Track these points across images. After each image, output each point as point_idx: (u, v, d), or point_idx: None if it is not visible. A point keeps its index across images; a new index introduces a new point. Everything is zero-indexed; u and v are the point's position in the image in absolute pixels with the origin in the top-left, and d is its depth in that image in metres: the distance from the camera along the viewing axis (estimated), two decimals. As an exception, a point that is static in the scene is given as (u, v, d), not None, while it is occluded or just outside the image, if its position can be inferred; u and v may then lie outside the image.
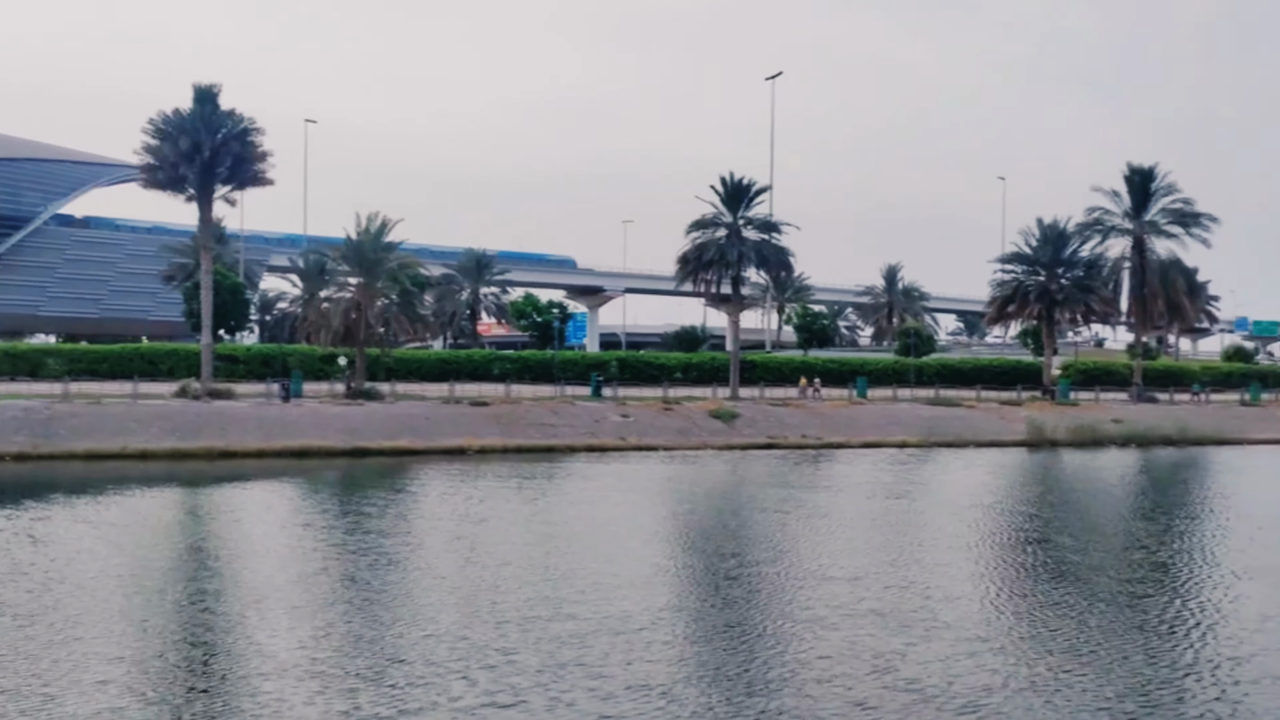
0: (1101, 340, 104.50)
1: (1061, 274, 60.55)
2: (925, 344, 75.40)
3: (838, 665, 11.78)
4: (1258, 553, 20.05)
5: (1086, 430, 48.35)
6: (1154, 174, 61.27)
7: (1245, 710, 10.50)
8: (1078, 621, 14.14)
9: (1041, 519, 24.72)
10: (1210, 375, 71.99)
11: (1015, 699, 10.71)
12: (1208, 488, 33.37)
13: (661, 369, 58.20)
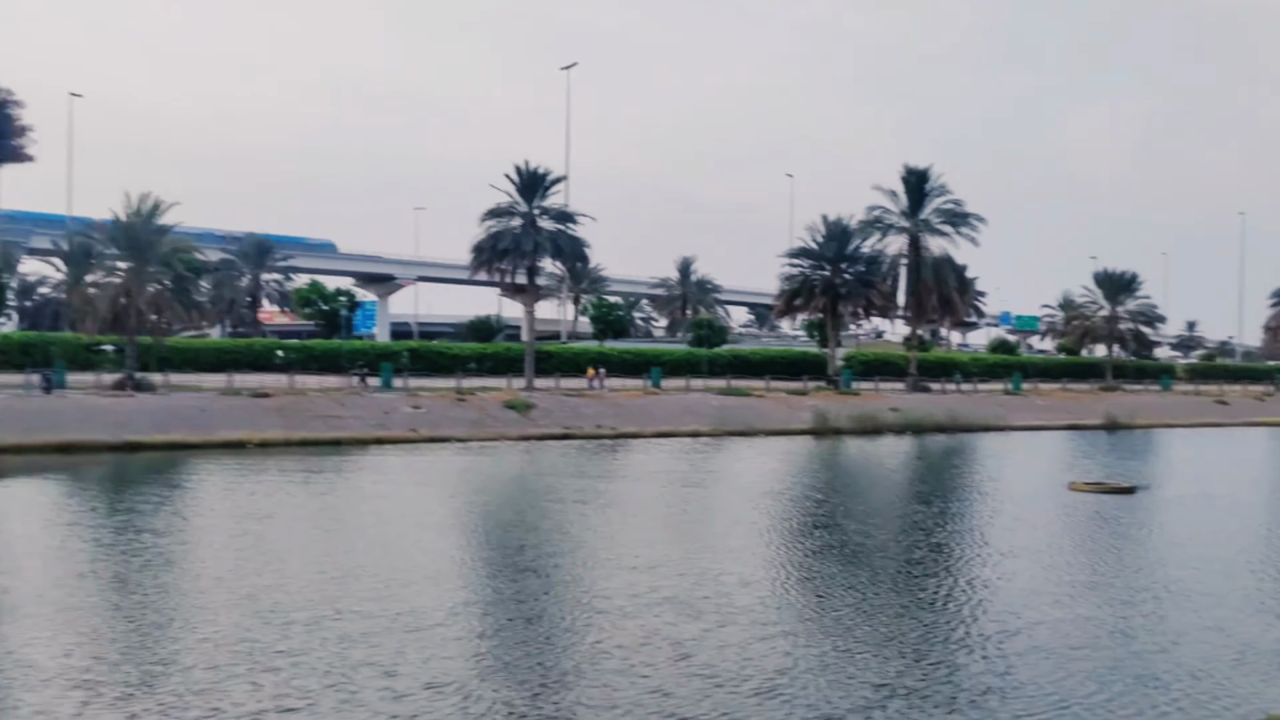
0: (881, 333, 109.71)
1: (845, 269, 63.06)
2: (718, 335, 77.05)
3: (636, 654, 11.71)
4: (1024, 532, 21.29)
5: (867, 419, 50.52)
6: (928, 175, 64.66)
7: (1015, 680, 11.04)
8: (864, 602, 14.61)
9: (828, 504, 25.55)
10: (978, 366, 76.58)
11: (806, 680, 10.93)
12: (977, 472, 35.37)
13: (455, 359, 57.20)
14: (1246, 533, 21.99)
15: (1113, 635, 12.99)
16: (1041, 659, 11.86)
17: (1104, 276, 78.83)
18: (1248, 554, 19.29)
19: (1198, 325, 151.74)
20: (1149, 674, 11.37)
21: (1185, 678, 11.26)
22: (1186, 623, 13.71)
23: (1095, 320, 79.19)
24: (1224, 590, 15.89)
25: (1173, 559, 18.51)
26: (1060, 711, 10.13)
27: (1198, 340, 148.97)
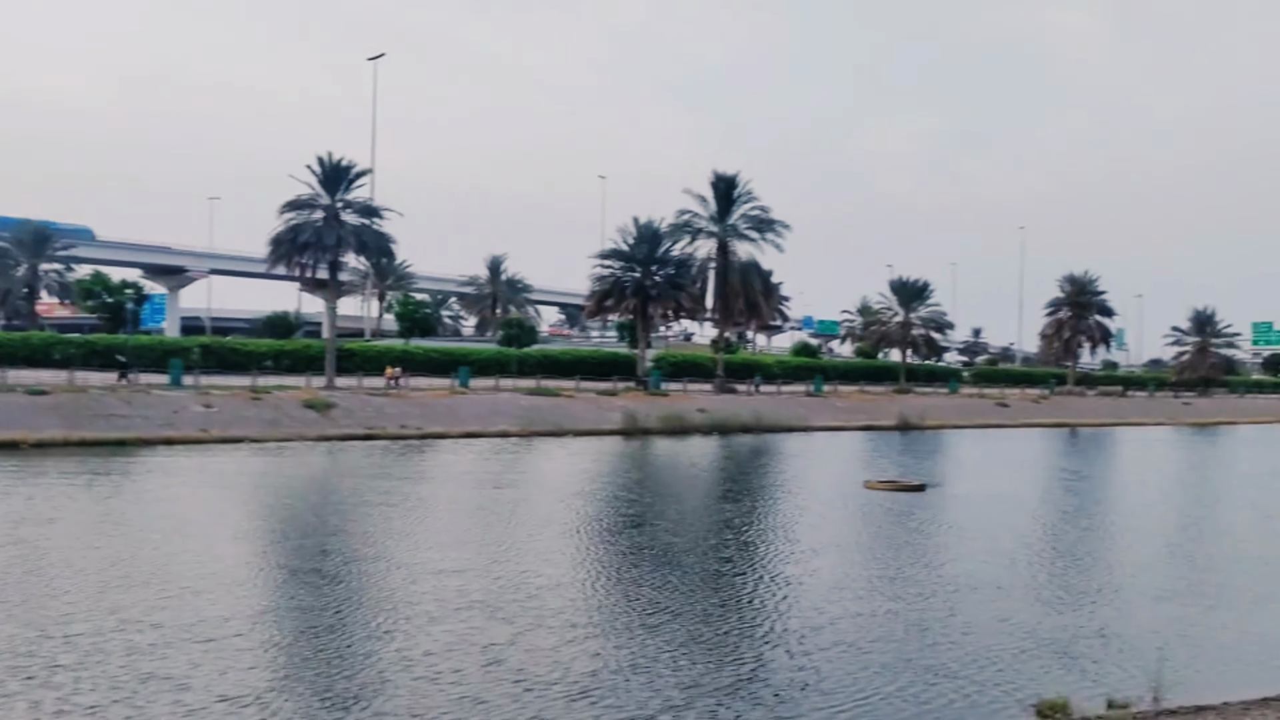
0: (690, 335, 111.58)
1: (656, 271, 63.69)
2: (528, 335, 76.63)
3: (446, 660, 11.36)
4: (825, 529, 21.87)
5: (675, 419, 51.12)
6: (736, 182, 66.12)
7: (819, 675, 11.27)
8: (674, 602, 14.66)
9: (639, 504, 25.60)
10: (782, 369, 78.82)
11: (617, 682, 10.84)
12: (781, 471, 36.24)
13: (250, 356, 54.70)
14: (1026, 527, 23.31)
15: (909, 628, 13.46)
16: (844, 653, 12.16)
17: (899, 284, 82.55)
18: (1028, 547, 20.45)
19: (983, 332, 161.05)
20: (941, 664, 11.81)
21: (973, 667, 11.74)
22: (976, 614, 14.34)
23: (890, 326, 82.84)
24: (1009, 582, 16.73)
25: (962, 553, 19.38)
26: (860, 704, 10.37)
27: (982, 346, 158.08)
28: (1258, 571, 18.38)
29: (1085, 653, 12.52)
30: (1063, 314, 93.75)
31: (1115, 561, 19.12)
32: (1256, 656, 12.67)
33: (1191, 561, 19.67)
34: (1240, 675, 11.80)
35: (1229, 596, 16.18)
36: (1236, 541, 22.25)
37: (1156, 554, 20.31)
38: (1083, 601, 15.50)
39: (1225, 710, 10.07)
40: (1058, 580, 17.30)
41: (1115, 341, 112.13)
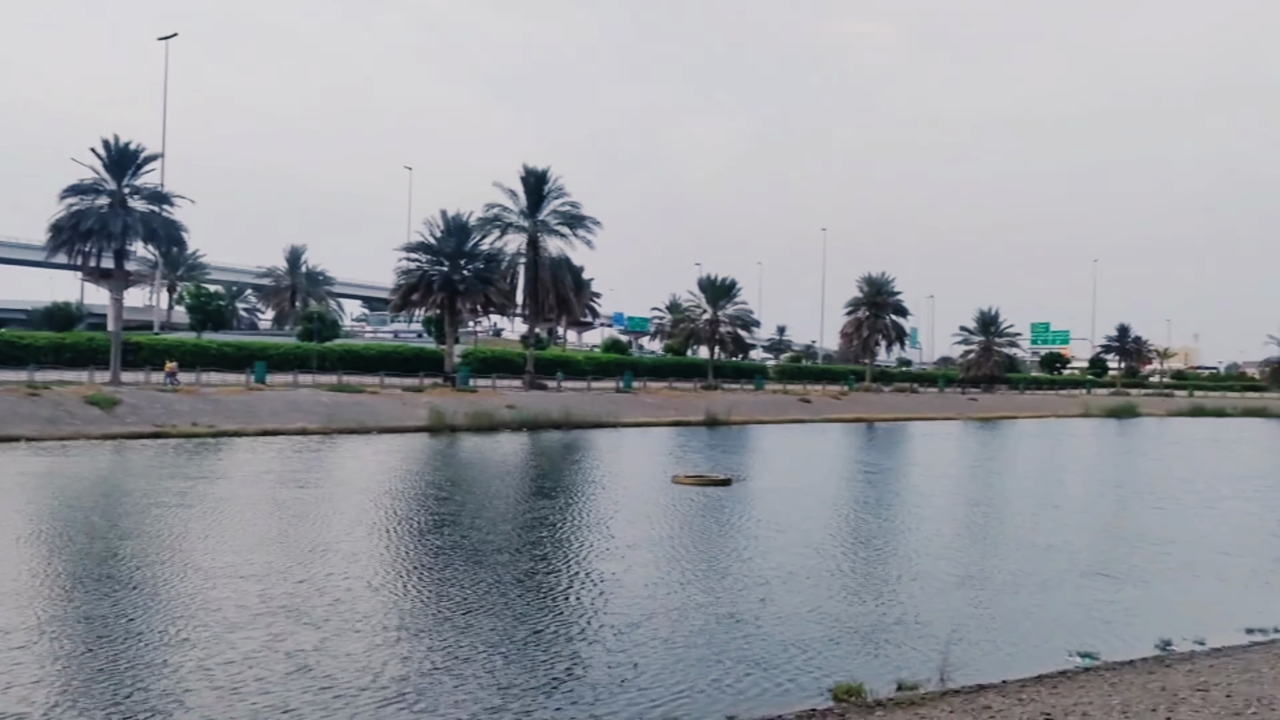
0: (500, 330, 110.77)
1: (464, 265, 62.86)
2: (329, 329, 74.40)
3: (249, 669, 10.81)
4: (638, 524, 21.99)
5: (484, 416, 50.58)
6: (547, 177, 65.97)
7: (640, 668, 11.30)
8: (488, 601, 14.42)
9: (450, 502, 25.13)
10: (591, 365, 79.18)
11: (431, 684, 10.57)
12: (591, 467, 36.29)
13: (27, 350, 51.05)
14: (830, 519, 24.08)
15: (722, 620, 13.63)
16: (660, 648, 12.21)
17: (707, 282, 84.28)
18: (833, 538, 21.11)
19: (787, 330, 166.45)
20: (753, 655, 12.02)
21: (783, 656, 12.01)
22: (786, 605, 14.67)
23: (699, 323, 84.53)
24: (816, 572, 17.20)
25: (771, 545, 19.81)
26: (676, 696, 10.44)
27: (786, 344, 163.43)
28: (1043, 558, 19.50)
29: (887, 638, 12.99)
30: (861, 313, 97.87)
31: (914, 550, 19.93)
32: (1037, 637, 13.43)
33: (983, 549, 20.73)
34: (1022, 655, 12.45)
35: (1016, 582, 17.10)
36: (1023, 529, 23.62)
37: (951, 542, 21.30)
38: (884, 590, 16.08)
39: (1005, 688, 10.64)
40: (861, 570, 17.90)
41: (909, 340, 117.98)
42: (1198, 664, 11.53)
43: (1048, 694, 10.24)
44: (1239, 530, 24.01)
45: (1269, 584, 17.46)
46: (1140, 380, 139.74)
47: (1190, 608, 15.49)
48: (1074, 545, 21.14)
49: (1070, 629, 13.81)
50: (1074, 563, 18.96)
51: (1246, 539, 22.70)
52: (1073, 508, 28.12)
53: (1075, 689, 10.42)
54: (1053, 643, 13.05)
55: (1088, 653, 12.44)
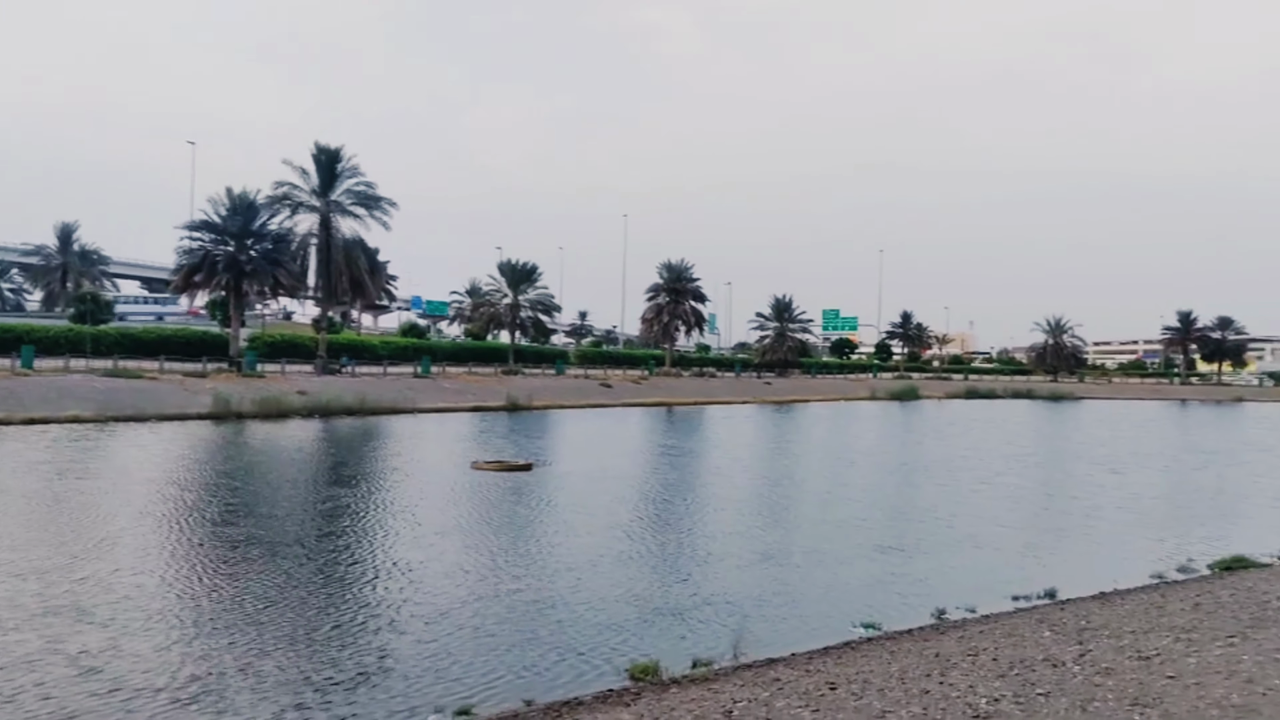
0: (290, 314, 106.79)
1: (251, 246, 60.30)
2: (104, 311, 69.93)
3: (28, 674, 10.11)
4: (441, 511, 21.67)
5: (272, 402, 48.64)
6: (340, 155, 63.99)
7: (452, 657, 11.19)
8: (288, 595, 13.95)
9: (244, 492, 24.02)
10: (388, 349, 77.38)
11: (230, 683, 10.14)
12: (389, 454, 35.47)
13: None
14: (635, 501, 24.36)
15: (529, 606, 13.62)
16: (470, 636, 12.10)
17: (508, 266, 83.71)
18: (639, 520, 21.41)
19: (588, 315, 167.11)
20: (560, 639, 12.06)
21: (589, 639, 12.10)
22: (593, 587, 14.79)
23: (500, 307, 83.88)
24: (625, 555, 17.44)
25: (578, 529, 19.93)
26: (487, 685, 10.39)
27: (588, 328, 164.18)
28: (836, 534, 20.27)
29: (688, 617, 13.27)
30: (662, 299, 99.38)
31: (715, 530, 20.37)
32: (828, 611, 13.91)
33: (780, 527, 21.40)
34: (812, 628, 12.88)
35: (810, 558, 17.70)
36: (817, 507, 24.44)
37: (750, 521, 21.90)
38: (687, 569, 16.41)
39: (793, 660, 11.05)
40: (665, 550, 18.20)
41: (708, 326, 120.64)
42: (969, 630, 12.14)
43: (833, 664, 10.60)
44: (1013, 504, 25.58)
45: (1037, 555, 18.64)
46: (922, 364, 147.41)
47: (967, 578, 16.37)
48: (864, 521, 22.07)
49: (858, 602, 14.39)
50: (864, 538, 19.78)
51: (1019, 513, 24.22)
52: (863, 486, 29.38)
53: (858, 658, 10.81)
54: (841, 615, 13.56)
55: (871, 624, 12.95)
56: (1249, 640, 10.20)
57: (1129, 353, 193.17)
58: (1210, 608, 12.47)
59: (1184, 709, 7.87)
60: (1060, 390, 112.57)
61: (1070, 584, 15.30)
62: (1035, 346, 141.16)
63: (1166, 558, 17.82)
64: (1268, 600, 12.72)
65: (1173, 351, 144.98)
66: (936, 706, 8.35)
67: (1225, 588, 14.20)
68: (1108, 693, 8.46)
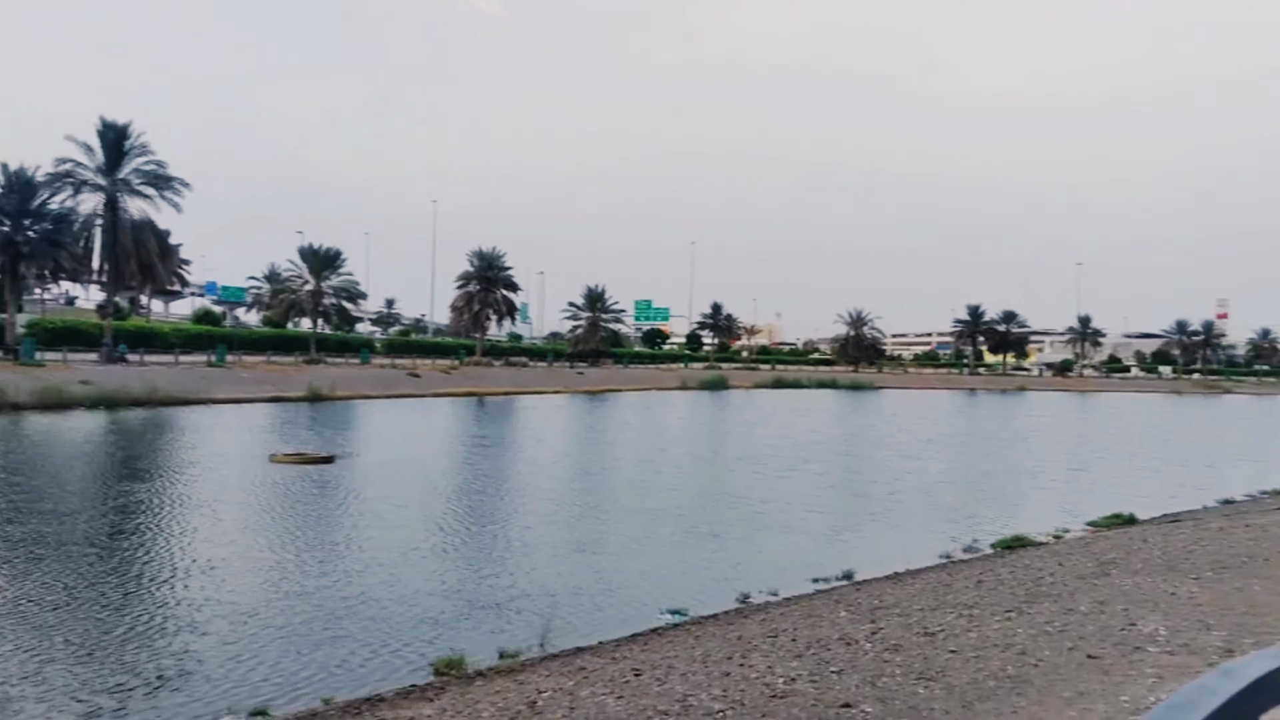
0: (73, 299, 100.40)
1: (29, 226, 56.29)
2: None
3: None
4: (243, 507, 21.00)
5: (53, 392, 45.56)
6: (128, 132, 60.55)
7: (258, 658, 10.81)
8: (82, 596, 13.22)
9: (26, 490, 22.45)
10: (181, 337, 73.74)
11: (11, 694, 9.51)
12: (183, 447, 33.86)
13: None
14: (447, 493, 24.11)
15: (338, 602, 13.28)
16: (274, 636, 11.74)
17: (310, 251, 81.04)
18: (449, 513, 21.21)
19: (396, 303, 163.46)
20: (368, 636, 11.82)
21: (397, 635, 11.91)
22: (403, 582, 14.58)
23: (301, 294, 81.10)
24: (432, 548, 17.28)
25: (383, 522, 19.57)
26: (291, 686, 10.10)
27: (395, 316, 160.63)
28: (649, 522, 20.55)
29: (499, 609, 13.26)
30: (472, 287, 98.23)
31: (528, 521, 20.37)
32: (638, 598, 14.07)
33: (594, 516, 21.61)
34: (622, 617, 12.98)
35: (623, 546, 17.91)
36: (631, 496, 24.62)
37: (564, 511, 22.05)
38: (499, 561, 16.38)
39: (600, 649, 11.19)
40: (482, 542, 18.15)
41: (520, 315, 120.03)
42: (771, 613, 12.44)
43: (639, 651, 10.67)
44: (818, 490, 26.46)
45: (838, 539, 19.34)
46: (731, 355, 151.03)
47: (773, 562, 16.86)
48: (677, 509, 22.43)
49: (669, 589, 14.61)
50: (677, 526, 20.11)
51: (824, 498, 25.08)
52: (676, 474, 29.85)
53: (664, 644, 10.92)
54: (652, 603, 13.77)
55: (678, 610, 13.14)
56: (1024, 614, 10.80)
57: (924, 344, 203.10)
58: (991, 584, 13.17)
59: (964, 681, 8.24)
60: (860, 380, 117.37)
61: (867, 566, 15.93)
62: (838, 338, 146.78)
63: (955, 539, 18.81)
64: (1041, 576, 13.52)
65: (963, 343, 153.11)
66: (736, 688, 8.49)
67: (1005, 566, 15.04)
68: (895, 668, 8.79)
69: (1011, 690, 7.90)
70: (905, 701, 7.78)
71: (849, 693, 8.11)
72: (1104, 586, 12.25)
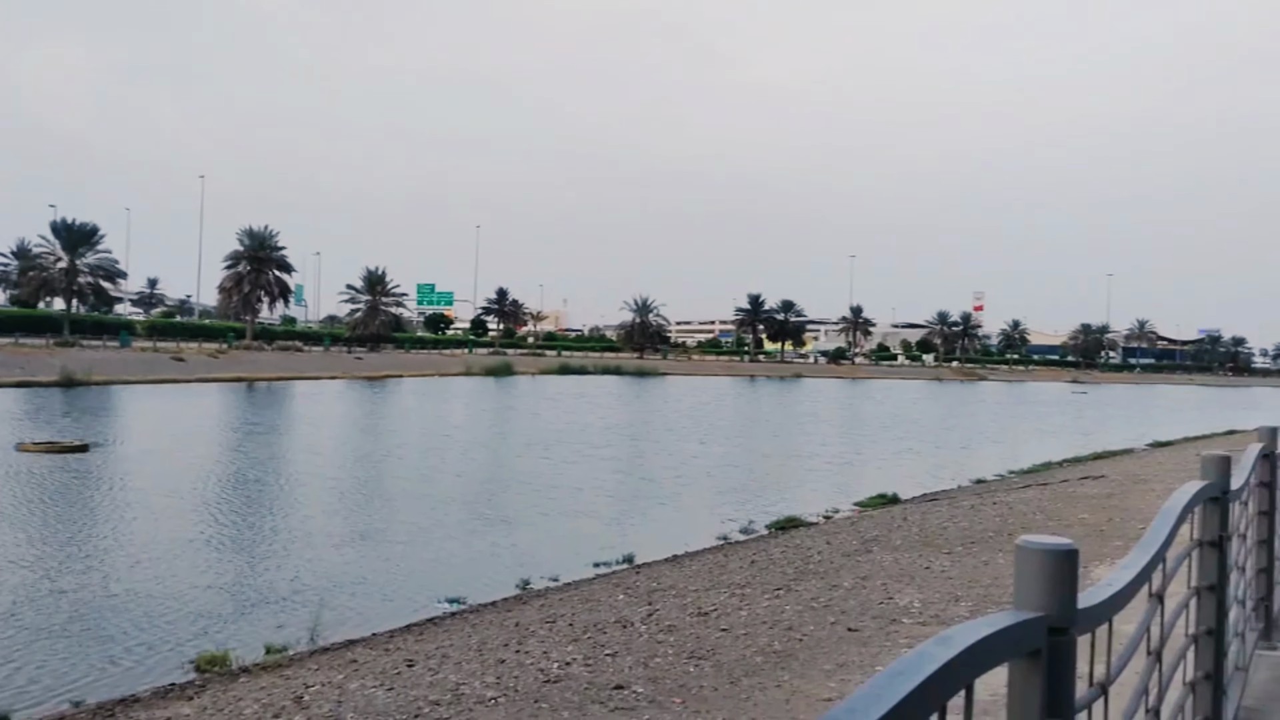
0: None
1: None
2: None
3: None
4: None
5: None
6: None
7: (2, 663, 10.01)
8: None
9: None
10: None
11: None
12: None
13: None
14: (215, 483, 22.87)
15: (99, 601, 12.57)
16: (28, 639, 11.01)
17: (63, 226, 75.66)
18: (223, 504, 20.25)
19: (159, 283, 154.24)
20: (138, 636, 11.22)
21: (161, 632, 11.37)
22: (176, 576, 13.86)
23: (53, 272, 75.59)
24: (212, 539, 16.50)
25: (154, 514, 18.54)
26: (46, 690, 9.55)
27: (159, 298, 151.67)
28: (433, 509, 20.27)
29: (271, 602, 12.85)
30: (243, 268, 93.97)
31: (305, 510, 19.84)
32: (417, 587, 13.84)
33: (375, 504, 21.13)
34: (399, 606, 12.71)
35: (405, 534, 17.61)
36: (414, 483, 24.14)
37: (344, 499, 21.51)
38: (279, 552, 15.86)
39: (373, 640, 11.02)
40: (257, 533, 17.48)
41: (295, 297, 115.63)
42: (550, 598, 12.46)
43: (414, 641, 10.52)
44: (604, 475, 26.68)
45: (622, 523, 19.56)
46: (517, 340, 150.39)
47: (557, 547, 16.96)
48: (461, 496, 22.20)
49: (450, 576, 14.47)
50: (462, 512, 19.94)
51: (609, 483, 25.36)
52: (460, 460, 29.47)
53: (440, 634, 10.79)
54: (432, 591, 13.54)
55: (456, 598, 12.96)
56: (792, 592, 11.21)
57: (707, 332, 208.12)
58: (764, 564, 13.61)
59: (733, 658, 8.47)
60: (645, 367, 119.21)
61: (649, 549, 16.19)
62: (624, 325, 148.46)
63: (734, 521, 19.32)
64: (810, 555, 14.08)
65: (744, 331, 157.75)
66: (510, 674, 8.44)
67: (778, 546, 15.59)
68: (669, 648, 8.95)
69: (777, 665, 8.18)
70: (676, 680, 7.92)
71: (622, 674, 8.19)
72: (866, 563, 12.87)
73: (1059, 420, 57.47)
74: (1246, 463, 4.76)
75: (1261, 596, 5.91)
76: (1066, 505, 17.80)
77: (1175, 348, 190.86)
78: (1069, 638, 1.69)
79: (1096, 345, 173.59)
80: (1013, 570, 1.67)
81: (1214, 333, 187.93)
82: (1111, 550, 11.94)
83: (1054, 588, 1.66)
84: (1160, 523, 2.74)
